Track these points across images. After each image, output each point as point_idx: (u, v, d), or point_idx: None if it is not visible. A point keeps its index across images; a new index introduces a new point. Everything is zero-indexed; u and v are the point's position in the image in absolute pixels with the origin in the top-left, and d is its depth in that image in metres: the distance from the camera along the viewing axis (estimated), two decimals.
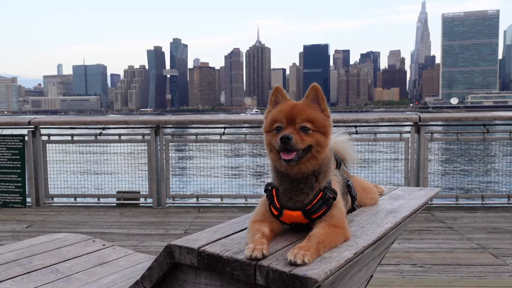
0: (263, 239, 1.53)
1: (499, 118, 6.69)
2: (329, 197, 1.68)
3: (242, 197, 6.98)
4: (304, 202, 1.68)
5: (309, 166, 1.66)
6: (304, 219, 1.69)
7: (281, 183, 1.72)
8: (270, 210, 1.73)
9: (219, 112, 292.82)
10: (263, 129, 1.77)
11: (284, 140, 1.59)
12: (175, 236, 5.29)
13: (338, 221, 1.66)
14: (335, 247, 1.54)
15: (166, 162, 6.81)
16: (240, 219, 1.91)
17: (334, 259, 1.34)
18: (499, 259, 4.37)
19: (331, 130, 1.71)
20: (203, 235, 1.59)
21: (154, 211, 6.70)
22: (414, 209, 1.91)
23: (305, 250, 1.41)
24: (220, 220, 6.12)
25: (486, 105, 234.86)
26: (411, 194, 2.18)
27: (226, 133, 6.82)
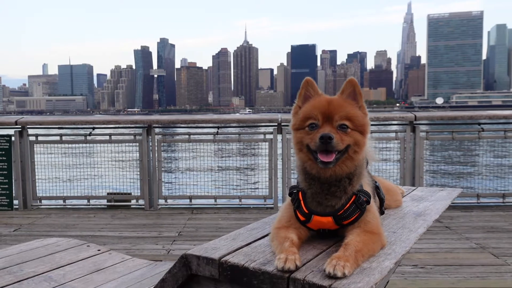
0: (293, 248, 1.39)
1: (494, 117, 6.68)
2: (362, 201, 1.54)
3: (236, 197, 6.85)
4: (336, 207, 1.54)
5: (345, 168, 1.52)
6: (334, 225, 1.55)
7: (309, 186, 1.57)
8: (296, 215, 1.59)
9: (207, 112, 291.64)
10: (291, 126, 1.61)
11: (325, 139, 1.44)
12: (169, 239, 5.16)
13: (374, 227, 1.52)
14: (373, 256, 1.41)
15: (158, 163, 6.65)
16: (258, 224, 1.78)
17: (376, 270, 1.22)
18: (500, 259, 4.32)
19: (369, 129, 1.57)
20: (221, 243, 1.46)
21: (146, 212, 6.54)
22: (442, 212, 1.81)
23: (344, 261, 1.27)
24: (214, 222, 6.01)
25: (471, 105, 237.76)
26: (433, 196, 2.09)
27: (219, 133, 6.69)
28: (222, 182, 7.20)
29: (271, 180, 6.64)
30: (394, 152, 7.21)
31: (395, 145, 6.96)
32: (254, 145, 7.18)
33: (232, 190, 7.09)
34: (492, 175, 7.26)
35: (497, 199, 6.71)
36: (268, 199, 6.72)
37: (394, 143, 6.89)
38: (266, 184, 6.74)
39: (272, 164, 6.61)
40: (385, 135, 6.97)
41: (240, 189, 7.29)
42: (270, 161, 6.62)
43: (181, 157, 6.95)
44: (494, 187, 6.94)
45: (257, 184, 6.91)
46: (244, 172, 7.09)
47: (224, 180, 7.22)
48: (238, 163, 7.38)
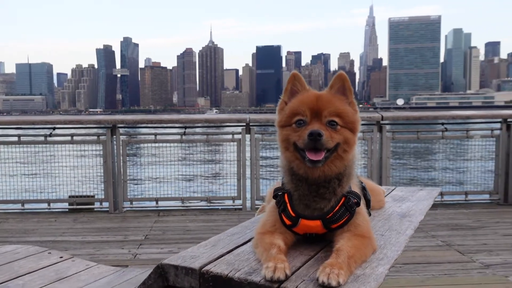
0: (281, 255, 1.29)
1: (457, 117, 6.85)
2: (352, 203, 1.46)
3: (204, 199, 6.74)
4: (324, 209, 1.44)
5: (334, 168, 1.42)
6: (322, 229, 1.46)
7: (296, 187, 1.47)
8: (281, 219, 1.49)
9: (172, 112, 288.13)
10: (276, 123, 1.51)
11: (314, 136, 1.34)
12: (135, 243, 4.98)
13: (364, 230, 1.44)
14: (365, 261, 1.33)
15: (123, 164, 6.44)
16: (238, 228, 1.68)
17: (370, 277, 1.15)
18: (466, 256, 4.41)
19: (359, 127, 1.49)
20: (200, 251, 1.36)
21: (111, 216, 6.31)
22: (426, 212, 1.78)
23: (338, 269, 1.19)
24: (182, 224, 5.87)
25: (430, 106, 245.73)
26: (414, 196, 2.06)
27: (187, 133, 6.55)
28: (190, 183, 7.05)
29: (239, 181, 6.56)
30: (360, 151, 7.29)
31: (362, 145, 7.04)
32: (222, 146, 7.06)
33: (200, 191, 6.96)
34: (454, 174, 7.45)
35: (460, 197, 6.89)
36: (237, 200, 6.63)
37: (361, 143, 6.96)
38: (234, 185, 6.65)
39: (240, 165, 6.53)
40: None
41: (208, 190, 7.16)
42: (239, 161, 6.54)
43: (147, 158, 6.75)
44: (457, 185, 7.12)
45: (226, 185, 6.80)
46: (212, 173, 6.96)
47: (191, 181, 7.08)
48: (205, 163, 7.26)
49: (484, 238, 5.02)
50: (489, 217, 6.00)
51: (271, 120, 6.63)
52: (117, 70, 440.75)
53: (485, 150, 7.12)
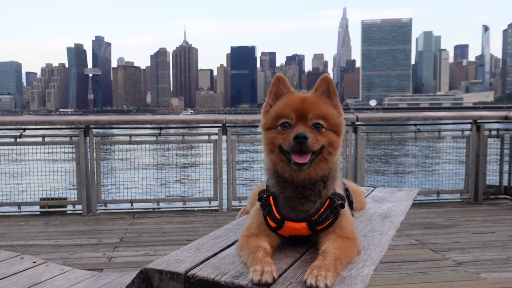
0: (267, 258, 1.29)
1: (429, 118, 7.00)
2: (337, 204, 1.47)
3: (180, 200, 6.67)
4: (310, 211, 1.45)
5: (319, 171, 1.43)
6: (307, 231, 1.46)
7: (282, 190, 1.47)
8: (266, 221, 1.49)
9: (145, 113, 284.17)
10: (261, 126, 1.51)
11: (300, 139, 1.35)
12: (110, 246, 4.90)
13: (349, 232, 1.45)
14: (350, 262, 1.34)
15: (97, 166, 6.32)
16: (221, 231, 1.67)
17: (357, 279, 1.16)
18: (439, 254, 4.51)
19: (344, 130, 1.50)
20: (184, 255, 1.33)
21: (84, 218, 6.18)
22: (406, 212, 1.81)
23: (325, 271, 1.19)
24: (157, 226, 5.80)
25: (401, 107, 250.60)
26: (393, 196, 2.09)
27: (162, 134, 6.48)
28: (165, 185, 6.97)
29: (215, 182, 6.53)
30: None
31: None
32: (198, 146, 7.00)
33: (175, 193, 6.89)
34: (427, 174, 7.61)
35: (432, 196, 7.04)
36: (213, 201, 6.60)
37: None
38: (210, 186, 6.61)
39: (217, 166, 6.50)
40: None
41: (183, 192, 7.10)
42: (215, 162, 6.51)
43: (122, 160, 6.64)
44: (430, 184, 7.27)
45: (202, 186, 6.75)
46: (187, 174, 6.90)
47: (167, 182, 7.00)
48: (181, 165, 7.19)
49: (455, 237, 5.15)
50: (460, 215, 6.16)
51: (248, 121, 6.63)
52: (89, 70, 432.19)
53: (454, 150, 7.31)
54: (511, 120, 6.99)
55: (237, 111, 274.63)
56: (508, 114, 6.88)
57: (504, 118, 6.94)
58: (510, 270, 4.11)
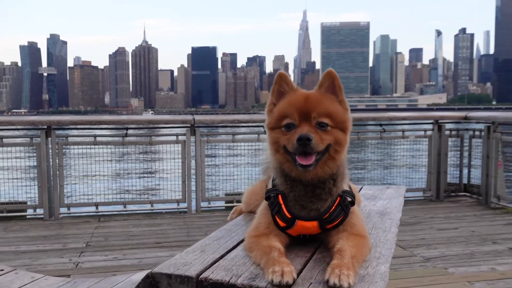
0: (284, 258, 1.25)
1: (394, 118, 7.18)
2: (347, 202, 1.45)
3: (147, 202, 6.53)
4: (321, 210, 1.42)
5: (327, 169, 1.40)
6: (318, 229, 1.43)
7: (291, 188, 1.43)
8: (275, 221, 1.44)
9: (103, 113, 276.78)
10: (266, 125, 1.47)
11: (303, 141, 1.31)
12: (76, 251, 4.72)
13: (360, 230, 1.44)
14: (365, 260, 1.33)
15: (60, 168, 6.08)
16: (221, 232, 1.62)
17: (376, 277, 1.15)
18: (407, 251, 4.62)
19: (351, 126, 1.46)
20: (190, 257, 1.27)
21: (46, 223, 5.93)
22: (401, 209, 1.83)
23: (346, 269, 1.17)
24: (125, 229, 5.63)
25: (360, 108, 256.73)
26: (383, 194, 2.11)
27: (129, 135, 6.31)
28: (132, 187, 6.79)
29: (184, 183, 6.43)
30: None
31: None
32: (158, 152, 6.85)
33: (142, 195, 6.73)
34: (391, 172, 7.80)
35: None
36: (182, 203, 6.50)
37: None
38: (179, 187, 6.51)
39: (185, 167, 6.41)
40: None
41: (151, 194, 6.95)
42: (183, 163, 6.41)
43: (86, 161, 6.41)
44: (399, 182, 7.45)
45: (170, 188, 6.63)
46: (155, 175, 6.76)
47: (133, 184, 6.82)
48: (148, 165, 7.03)
49: (422, 233, 5.30)
50: (424, 213, 6.34)
51: (217, 121, 6.58)
52: (43, 69, 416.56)
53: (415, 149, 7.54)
54: (470, 121, 7.29)
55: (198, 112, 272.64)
56: (467, 115, 7.16)
57: (464, 119, 7.22)
58: (475, 264, 4.27)
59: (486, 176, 6.78)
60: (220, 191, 6.90)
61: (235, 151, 6.87)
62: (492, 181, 6.67)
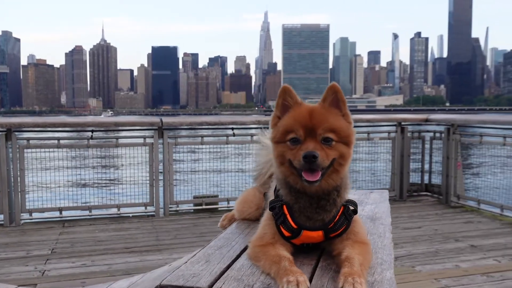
0: (295, 267, 1.27)
1: (359, 120, 7.33)
2: (350, 211, 1.48)
3: (114, 206, 6.38)
4: (326, 220, 1.44)
5: (331, 182, 1.42)
6: (322, 239, 1.46)
7: (296, 200, 1.45)
8: (279, 230, 1.46)
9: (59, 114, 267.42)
10: (271, 139, 1.48)
11: (309, 158, 1.33)
12: (41, 258, 4.55)
13: (363, 237, 1.48)
14: (369, 267, 1.37)
15: (21, 172, 5.83)
16: (221, 241, 1.60)
17: (384, 283, 1.19)
18: None
19: (354, 139, 1.48)
20: (197, 268, 1.26)
21: (7, 229, 5.68)
22: (390, 214, 1.87)
23: (358, 277, 1.20)
24: (91, 235, 5.48)
25: None
26: (368, 198, 2.16)
27: (94, 137, 6.14)
28: (97, 191, 6.62)
29: (152, 186, 6.33)
30: None
31: None
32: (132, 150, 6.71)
33: (108, 199, 6.57)
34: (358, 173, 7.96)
35: None
36: (149, 206, 6.39)
37: None
38: (146, 190, 6.40)
39: (153, 170, 6.31)
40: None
41: (117, 197, 6.79)
42: (151, 166, 6.31)
43: (49, 165, 6.19)
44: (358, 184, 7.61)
45: (137, 191, 6.51)
46: (121, 178, 6.60)
47: (99, 188, 6.65)
48: (115, 169, 6.87)
49: None
50: None
51: (185, 123, 6.52)
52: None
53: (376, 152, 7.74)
54: (431, 123, 7.57)
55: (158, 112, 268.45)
56: (428, 117, 7.43)
57: (425, 121, 7.48)
58: (440, 262, 4.44)
59: (446, 176, 7.06)
60: (189, 194, 6.84)
61: (204, 154, 6.84)
62: (452, 181, 6.96)
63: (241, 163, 7.03)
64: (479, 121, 6.92)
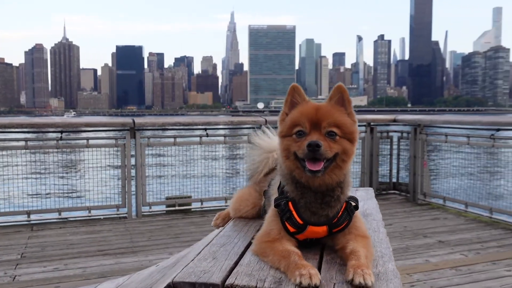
0: (305, 261, 1.32)
1: None
2: (352, 207, 1.55)
3: (85, 209, 6.24)
4: (330, 215, 1.50)
5: (334, 177, 1.48)
6: (326, 233, 1.52)
7: (302, 195, 1.50)
8: (284, 226, 1.50)
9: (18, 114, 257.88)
10: (278, 134, 1.54)
11: (313, 147, 1.39)
12: (10, 263, 4.42)
13: (364, 232, 1.54)
14: (372, 259, 1.44)
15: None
16: (222, 239, 1.63)
17: (389, 274, 1.24)
18: None
19: (358, 137, 1.56)
20: (205, 265, 1.27)
21: None
22: (379, 210, 1.94)
23: (366, 269, 1.27)
24: (62, 238, 5.35)
25: None
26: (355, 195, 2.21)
27: (64, 138, 5.99)
28: (68, 193, 6.46)
29: (124, 188, 6.24)
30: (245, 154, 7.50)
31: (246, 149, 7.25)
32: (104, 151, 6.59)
33: (79, 201, 6.43)
34: None
35: None
36: (121, 208, 6.30)
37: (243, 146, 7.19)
38: (118, 192, 6.30)
39: (125, 171, 6.22)
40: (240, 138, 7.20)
41: (88, 199, 6.65)
42: (123, 167, 6.22)
43: (16, 166, 6.00)
44: None
45: (109, 193, 6.39)
46: (93, 180, 6.46)
47: (69, 190, 6.50)
48: (85, 170, 6.72)
49: None
50: None
51: (158, 124, 6.46)
52: None
53: None
54: (399, 123, 7.80)
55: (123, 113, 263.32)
56: (396, 117, 7.66)
57: (393, 121, 7.70)
58: (410, 257, 4.60)
59: (413, 174, 7.29)
60: (161, 195, 6.78)
61: (178, 154, 6.79)
62: (418, 180, 7.19)
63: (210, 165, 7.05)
64: (444, 121, 7.19)
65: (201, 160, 6.94)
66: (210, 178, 7.02)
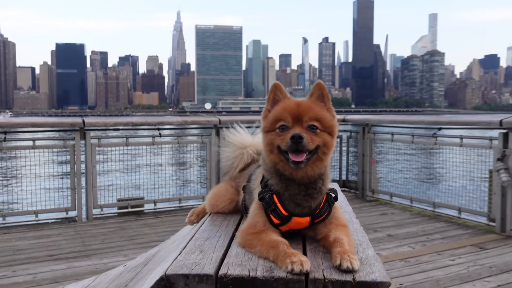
0: (292, 249, 1.39)
1: None
2: (332, 198, 1.63)
3: (31, 213, 5.96)
4: (313, 206, 1.58)
5: (316, 169, 1.56)
6: (308, 224, 1.60)
7: (286, 188, 1.57)
8: (269, 218, 1.57)
9: None
10: (261, 129, 1.61)
11: (296, 139, 1.46)
12: None
13: (344, 221, 1.64)
14: (353, 246, 1.53)
15: None
16: (205, 233, 1.65)
17: (371, 259, 1.33)
18: None
19: (337, 131, 1.64)
20: (194, 257, 1.29)
21: None
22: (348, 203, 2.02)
23: (351, 254, 1.35)
24: (8, 244, 5.11)
25: (234, 110, 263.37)
26: None
27: (8, 139, 5.69)
28: (11, 197, 6.14)
29: (73, 190, 6.04)
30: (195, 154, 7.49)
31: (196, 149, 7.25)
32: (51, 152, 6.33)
33: (25, 205, 6.12)
34: None
35: None
36: (71, 211, 6.09)
37: (195, 147, 7.18)
38: (67, 194, 6.08)
39: (74, 172, 6.01)
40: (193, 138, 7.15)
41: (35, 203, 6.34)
42: (72, 169, 6.01)
43: None
44: None
45: (57, 196, 6.15)
46: (40, 183, 6.18)
47: (13, 194, 6.17)
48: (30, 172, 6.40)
49: None
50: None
51: (110, 124, 6.30)
52: None
53: None
54: (347, 123, 8.08)
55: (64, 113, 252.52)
56: (345, 117, 7.92)
57: (343, 121, 7.96)
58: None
59: (362, 172, 7.58)
60: (112, 197, 6.61)
61: (129, 155, 6.65)
62: (367, 177, 7.49)
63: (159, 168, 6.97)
64: (391, 121, 7.54)
65: (152, 160, 6.83)
66: (163, 179, 6.94)
